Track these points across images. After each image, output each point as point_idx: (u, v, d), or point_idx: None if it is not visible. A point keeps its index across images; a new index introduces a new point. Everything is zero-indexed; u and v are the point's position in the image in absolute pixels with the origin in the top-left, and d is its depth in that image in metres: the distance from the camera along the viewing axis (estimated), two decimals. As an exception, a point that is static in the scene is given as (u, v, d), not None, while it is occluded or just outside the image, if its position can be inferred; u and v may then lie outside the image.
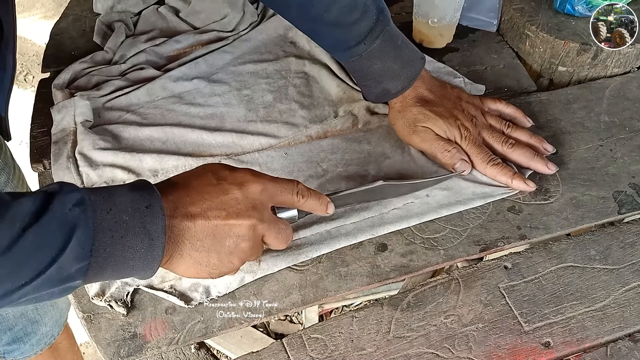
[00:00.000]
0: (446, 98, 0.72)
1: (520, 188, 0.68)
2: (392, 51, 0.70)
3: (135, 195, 0.48)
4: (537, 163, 0.69)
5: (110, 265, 0.46)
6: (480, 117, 0.72)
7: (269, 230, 0.55)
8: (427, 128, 0.70)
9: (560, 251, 0.65)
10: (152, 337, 0.58)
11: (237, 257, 0.54)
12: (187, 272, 0.54)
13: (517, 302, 0.61)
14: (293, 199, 0.57)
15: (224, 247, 0.52)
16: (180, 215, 0.50)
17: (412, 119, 0.71)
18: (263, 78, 0.82)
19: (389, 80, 0.71)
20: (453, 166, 0.69)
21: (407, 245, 0.65)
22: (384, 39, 0.69)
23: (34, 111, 0.80)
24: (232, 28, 0.88)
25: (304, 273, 0.63)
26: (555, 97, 0.80)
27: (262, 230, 0.54)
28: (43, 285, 0.43)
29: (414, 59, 0.72)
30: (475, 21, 0.90)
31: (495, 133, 0.71)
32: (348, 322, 0.60)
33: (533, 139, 0.72)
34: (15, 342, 0.91)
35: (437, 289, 0.62)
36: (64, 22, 0.93)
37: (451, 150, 0.69)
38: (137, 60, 0.84)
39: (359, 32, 0.68)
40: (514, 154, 0.70)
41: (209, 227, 0.51)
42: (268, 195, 0.55)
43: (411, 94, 0.72)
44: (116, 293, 0.60)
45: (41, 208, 0.43)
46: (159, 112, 0.78)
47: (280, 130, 0.75)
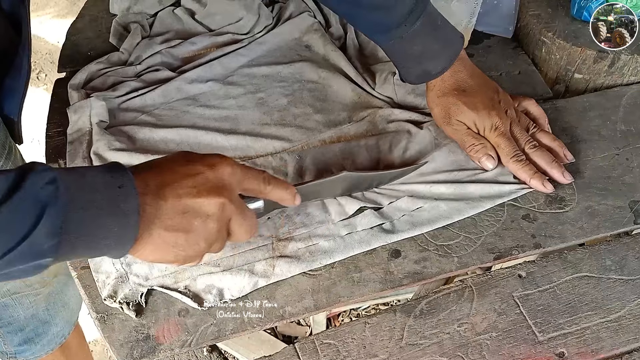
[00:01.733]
0: (484, 87, 0.73)
1: (537, 188, 0.68)
2: (433, 31, 0.70)
3: (108, 176, 0.48)
4: (554, 169, 0.69)
5: (83, 244, 0.47)
6: (512, 111, 0.72)
7: (236, 214, 0.54)
8: (461, 122, 0.71)
9: (576, 261, 0.65)
10: (165, 339, 0.59)
11: (204, 239, 0.53)
12: (152, 255, 0.52)
13: (531, 311, 0.61)
14: (260, 186, 0.56)
15: (192, 227, 0.52)
16: (152, 194, 0.50)
17: (447, 109, 0.72)
18: (278, 81, 0.82)
19: (430, 60, 0.71)
20: (479, 160, 0.70)
21: (420, 252, 0.65)
22: (424, 20, 0.69)
23: (50, 111, 0.80)
24: (247, 31, 0.88)
25: (317, 278, 0.63)
26: (571, 105, 0.80)
27: (230, 211, 0.53)
28: (15, 260, 0.44)
29: (454, 37, 0.72)
30: (491, 27, 0.89)
31: (522, 130, 0.72)
32: (361, 328, 0.60)
33: (555, 143, 0.72)
34: (26, 343, 0.92)
35: (450, 296, 0.62)
36: (80, 23, 0.94)
37: (478, 145, 0.70)
38: (152, 62, 0.84)
39: (400, 14, 0.68)
40: (534, 155, 0.70)
41: (179, 205, 0.51)
42: (236, 179, 0.54)
43: (450, 80, 0.72)
44: (130, 295, 0.60)
45: (13, 185, 0.43)
46: (174, 114, 0.78)
47: (294, 134, 0.75)
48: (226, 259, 0.64)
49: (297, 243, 0.65)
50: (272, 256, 0.64)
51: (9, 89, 0.70)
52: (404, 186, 0.69)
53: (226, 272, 0.62)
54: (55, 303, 0.93)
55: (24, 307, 0.87)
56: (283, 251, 0.64)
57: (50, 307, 0.92)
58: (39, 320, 0.91)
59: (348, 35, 0.87)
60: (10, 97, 0.71)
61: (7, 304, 0.84)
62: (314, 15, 0.89)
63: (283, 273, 0.62)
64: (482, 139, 0.70)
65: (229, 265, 0.63)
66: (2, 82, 0.69)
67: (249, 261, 0.63)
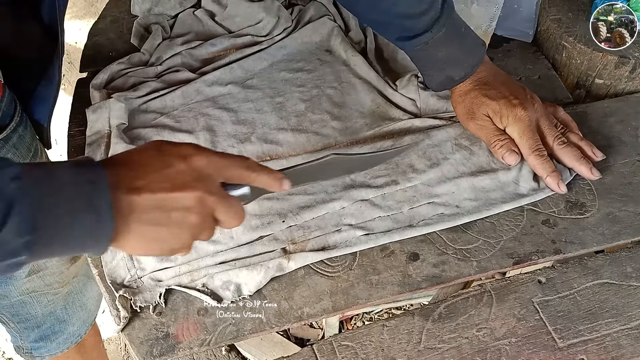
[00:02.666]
0: (508, 82, 0.73)
1: (551, 186, 0.68)
2: (457, 39, 0.71)
3: (78, 171, 0.47)
4: (582, 166, 0.69)
5: (58, 242, 0.46)
6: (541, 108, 0.72)
7: (219, 204, 0.51)
8: (485, 116, 0.71)
9: (596, 267, 0.64)
10: (184, 338, 0.59)
11: (187, 232, 0.51)
12: (137, 249, 0.51)
13: (551, 317, 0.60)
14: (243, 173, 0.54)
15: (171, 220, 0.50)
16: (125, 189, 0.48)
17: (469, 105, 0.72)
18: (297, 86, 0.82)
19: (453, 67, 0.72)
20: (502, 156, 0.70)
21: (439, 255, 0.64)
22: (449, 27, 0.70)
23: (72, 110, 0.81)
24: (266, 33, 0.89)
25: (334, 279, 0.63)
26: (592, 110, 0.79)
27: (211, 203, 0.51)
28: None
29: (477, 45, 0.73)
30: (510, 31, 0.89)
31: (551, 125, 0.71)
32: (379, 331, 0.60)
33: (583, 142, 0.72)
34: (42, 340, 0.93)
35: (469, 300, 0.62)
36: (102, 23, 0.95)
37: (503, 140, 0.70)
38: (172, 63, 0.85)
39: (425, 23, 0.69)
40: (562, 152, 0.70)
41: (154, 199, 0.49)
42: (215, 167, 0.52)
43: (472, 78, 0.73)
44: (149, 297, 0.60)
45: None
46: (192, 115, 0.79)
47: (310, 141, 0.75)
48: (242, 260, 0.64)
49: (313, 245, 0.65)
50: (288, 254, 0.64)
51: (41, 96, 0.71)
52: (424, 189, 0.69)
53: (243, 268, 0.63)
54: (73, 303, 0.94)
55: (41, 305, 0.88)
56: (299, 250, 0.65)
57: (68, 306, 0.93)
58: (57, 319, 0.92)
59: (368, 39, 0.87)
60: (41, 103, 0.72)
61: (25, 301, 0.85)
62: (334, 19, 0.89)
63: (299, 264, 0.63)
64: (506, 134, 0.70)
65: (245, 263, 0.64)
66: (34, 88, 0.70)
67: (265, 260, 0.64)
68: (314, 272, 0.64)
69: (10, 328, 0.90)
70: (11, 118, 0.71)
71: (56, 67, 0.68)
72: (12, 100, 0.71)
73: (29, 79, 0.70)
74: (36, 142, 0.77)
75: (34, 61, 0.68)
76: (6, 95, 0.69)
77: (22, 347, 0.94)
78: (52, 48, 0.67)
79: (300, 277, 0.63)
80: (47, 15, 0.65)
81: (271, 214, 0.67)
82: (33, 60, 0.68)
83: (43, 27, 0.66)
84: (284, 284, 0.63)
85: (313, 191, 0.69)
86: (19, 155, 0.74)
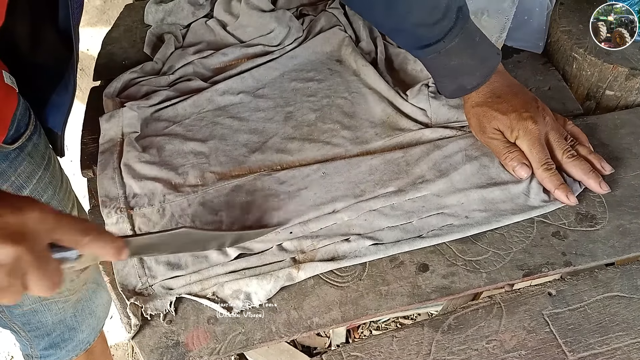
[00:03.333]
0: (521, 94, 0.73)
1: (560, 199, 0.68)
2: (470, 48, 0.71)
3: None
4: (591, 179, 0.69)
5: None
6: (552, 121, 0.72)
7: (35, 268, 0.46)
8: (496, 130, 0.72)
9: (607, 280, 0.64)
10: (194, 346, 0.59)
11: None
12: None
13: (561, 330, 0.60)
14: (76, 237, 0.49)
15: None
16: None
17: (482, 118, 0.72)
18: (307, 96, 0.83)
19: (466, 76, 0.72)
20: (513, 169, 0.70)
21: (448, 266, 0.65)
22: (463, 37, 0.70)
23: (85, 118, 0.82)
24: (278, 43, 0.90)
25: (344, 290, 0.63)
26: (602, 122, 0.79)
27: (26, 265, 0.46)
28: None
29: (491, 54, 0.73)
30: (521, 42, 0.89)
31: (561, 138, 0.71)
32: (388, 342, 0.60)
33: (592, 155, 0.72)
34: (52, 348, 0.93)
35: (478, 312, 0.62)
36: (115, 33, 0.96)
37: (513, 152, 0.70)
38: (184, 72, 0.86)
39: (439, 31, 0.69)
40: (571, 165, 0.70)
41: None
42: (45, 227, 0.48)
43: (485, 89, 0.73)
44: (159, 305, 0.61)
45: None
46: (204, 124, 0.79)
47: (320, 151, 0.76)
48: (252, 269, 0.64)
49: (322, 255, 0.65)
50: (298, 264, 0.64)
51: (55, 104, 0.72)
52: (434, 199, 0.69)
53: (253, 277, 0.63)
54: (82, 310, 0.94)
55: (52, 313, 0.88)
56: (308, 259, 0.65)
57: (77, 314, 0.94)
58: (66, 326, 0.93)
59: (378, 50, 0.87)
60: (56, 111, 0.73)
61: (36, 309, 0.86)
62: (345, 29, 0.90)
63: (308, 274, 0.63)
64: (517, 147, 0.71)
65: (255, 272, 0.64)
66: (49, 97, 0.71)
67: (274, 269, 0.64)
68: (324, 282, 0.64)
69: (20, 337, 0.91)
70: (26, 126, 0.72)
71: (71, 75, 0.69)
72: (26, 109, 0.72)
73: (43, 87, 0.71)
74: (49, 150, 0.77)
75: (49, 69, 0.69)
76: (20, 104, 0.70)
77: (31, 356, 0.95)
78: (67, 56, 0.67)
79: (310, 287, 0.63)
80: (62, 23, 0.66)
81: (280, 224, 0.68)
82: (48, 68, 0.69)
83: (59, 35, 0.67)
84: (293, 294, 0.63)
85: (322, 202, 0.69)
86: (34, 164, 0.75)
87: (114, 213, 0.68)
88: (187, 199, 0.70)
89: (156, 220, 0.68)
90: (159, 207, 0.69)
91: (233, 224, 0.68)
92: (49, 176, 0.79)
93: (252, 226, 0.67)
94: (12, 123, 0.69)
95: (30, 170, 0.75)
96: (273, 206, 0.69)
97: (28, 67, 0.69)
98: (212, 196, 0.70)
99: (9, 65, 0.69)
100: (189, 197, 0.70)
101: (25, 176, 0.75)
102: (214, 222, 0.68)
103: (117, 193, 0.70)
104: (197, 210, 0.68)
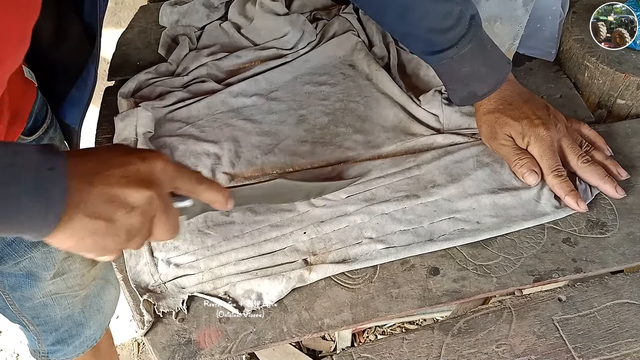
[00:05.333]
0: (532, 101, 0.74)
1: (570, 205, 0.69)
2: (482, 55, 0.72)
3: (41, 156, 0.47)
4: (607, 184, 0.69)
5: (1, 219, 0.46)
6: (564, 127, 0.73)
7: (162, 210, 0.52)
8: (507, 136, 0.72)
9: (617, 287, 0.64)
10: (205, 345, 0.60)
11: (124, 231, 0.50)
12: (68, 241, 0.50)
13: (571, 335, 0.60)
14: (192, 185, 0.55)
15: (115, 216, 0.49)
16: (80, 178, 0.48)
17: (493, 125, 0.73)
18: (320, 99, 0.83)
19: (477, 83, 0.73)
20: (522, 175, 0.71)
21: (459, 270, 0.65)
22: (475, 44, 0.71)
23: (99, 118, 0.83)
24: (291, 46, 0.90)
25: (355, 292, 0.64)
26: (614, 130, 0.80)
27: (156, 207, 0.51)
28: None
29: (502, 63, 0.74)
30: (533, 50, 0.90)
31: (574, 144, 0.72)
32: (398, 344, 0.60)
33: (608, 160, 0.72)
34: (59, 343, 0.94)
35: (488, 316, 0.62)
36: (130, 33, 0.97)
37: (524, 159, 0.71)
38: (198, 73, 0.87)
39: (452, 38, 0.70)
40: (586, 170, 0.70)
41: (107, 193, 0.49)
42: (168, 175, 0.53)
43: (496, 97, 0.74)
44: (172, 303, 0.61)
45: None
46: (217, 126, 0.80)
47: (332, 154, 0.76)
48: (264, 270, 0.65)
49: (334, 257, 0.66)
50: (309, 265, 0.65)
51: (74, 100, 0.72)
52: (445, 204, 0.70)
53: (264, 277, 0.63)
54: (90, 306, 0.95)
55: (61, 307, 0.89)
56: (320, 261, 0.65)
57: (85, 309, 0.94)
58: (74, 322, 0.93)
59: (391, 55, 0.88)
60: (73, 107, 0.73)
61: (46, 303, 0.87)
62: (358, 34, 0.91)
63: (320, 275, 0.63)
64: (527, 154, 0.71)
65: (267, 272, 0.64)
66: (68, 91, 0.71)
67: (286, 270, 0.64)
68: (335, 284, 0.64)
69: (29, 331, 0.91)
70: (43, 120, 0.72)
71: (92, 71, 0.69)
72: (43, 103, 0.72)
73: (63, 82, 0.71)
74: (64, 146, 0.78)
75: (70, 64, 0.70)
76: (38, 98, 0.71)
77: (38, 351, 0.95)
78: (89, 51, 0.68)
79: (321, 288, 0.64)
80: (88, 17, 0.66)
81: (292, 225, 0.68)
82: (69, 63, 0.70)
83: (83, 28, 0.67)
84: (304, 295, 0.64)
85: (333, 204, 0.70)
86: None
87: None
88: None
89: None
90: (171, 206, 0.70)
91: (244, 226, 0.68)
92: None
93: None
94: (30, 116, 0.70)
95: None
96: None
97: (49, 62, 0.70)
98: None
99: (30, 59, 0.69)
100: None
101: None
102: (226, 224, 0.68)
103: None
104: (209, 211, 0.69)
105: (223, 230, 0.67)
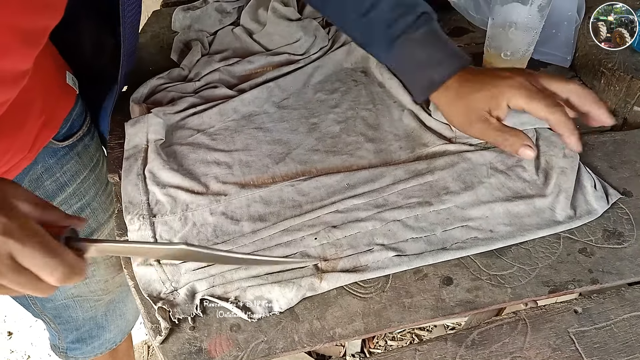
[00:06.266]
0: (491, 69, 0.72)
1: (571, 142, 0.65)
2: (438, 42, 0.71)
3: None
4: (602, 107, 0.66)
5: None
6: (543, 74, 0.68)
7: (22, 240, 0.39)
8: (483, 112, 0.67)
9: (634, 299, 0.63)
10: (216, 354, 0.59)
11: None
12: None
13: (587, 348, 0.59)
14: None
15: None
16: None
17: (462, 109, 0.69)
18: (332, 107, 0.83)
19: (433, 68, 0.71)
20: (517, 152, 0.66)
21: (473, 280, 0.64)
22: (428, 30, 0.71)
23: (112, 123, 0.83)
24: (303, 52, 0.90)
25: (367, 301, 0.63)
26: (630, 138, 0.78)
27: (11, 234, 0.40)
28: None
29: (462, 56, 0.72)
30: (548, 55, 0.89)
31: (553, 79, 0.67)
32: (411, 355, 0.60)
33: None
34: (78, 342, 0.95)
35: (503, 328, 0.61)
36: (142, 38, 0.97)
37: (511, 137, 0.66)
38: (210, 79, 0.86)
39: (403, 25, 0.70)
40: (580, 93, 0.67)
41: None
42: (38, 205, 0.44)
43: (453, 84, 0.70)
44: (186, 309, 0.61)
45: None
46: (228, 133, 0.80)
47: (344, 163, 0.76)
48: (273, 275, 0.65)
49: (345, 264, 0.65)
50: (320, 272, 0.64)
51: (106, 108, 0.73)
52: (458, 211, 0.69)
53: (275, 284, 0.63)
54: (114, 311, 0.96)
55: (83, 309, 0.90)
56: (331, 269, 0.65)
57: (108, 313, 0.95)
58: (96, 324, 0.94)
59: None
60: (105, 115, 0.74)
61: (68, 305, 0.88)
62: (370, 39, 0.90)
63: (331, 285, 0.63)
64: (511, 129, 0.67)
65: (278, 278, 0.64)
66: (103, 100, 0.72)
67: (297, 276, 0.64)
68: (347, 293, 0.64)
69: (50, 327, 0.93)
70: (79, 127, 0.73)
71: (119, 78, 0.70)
72: (83, 111, 0.73)
73: (100, 91, 0.72)
74: (100, 153, 0.79)
75: (106, 73, 0.70)
76: (78, 105, 0.71)
77: (58, 347, 0.97)
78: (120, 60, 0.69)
79: (333, 297, 0.63)
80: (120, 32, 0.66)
81: (303, 230, 0.68)
82: (106, 73, 0.71)
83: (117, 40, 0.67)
84: (316, 303, 0.63)
85: (345, 209, 0.69)
86: (81, 164, 0.77)
87: (136, 220, 0.69)
88: (209, 208, 0.70)
89: (178, 229, 0.68)
90: (180, 215, 0.69)
91: (254, 234, 0.68)
92: (93, 178, 0.80)
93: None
94: (66, 122, 0.70)
95: (76, 169, 0.76)
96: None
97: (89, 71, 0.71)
98: (234, 206, 0.70)
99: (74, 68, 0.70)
100: (212, 207, 0.70)
101: (70, 174, 0.76)
102: (235, 232, 0.68)
103: (140, 199, 0.71)
104: (218, 220, 0.69)
105: (232, 241, 0.67)
